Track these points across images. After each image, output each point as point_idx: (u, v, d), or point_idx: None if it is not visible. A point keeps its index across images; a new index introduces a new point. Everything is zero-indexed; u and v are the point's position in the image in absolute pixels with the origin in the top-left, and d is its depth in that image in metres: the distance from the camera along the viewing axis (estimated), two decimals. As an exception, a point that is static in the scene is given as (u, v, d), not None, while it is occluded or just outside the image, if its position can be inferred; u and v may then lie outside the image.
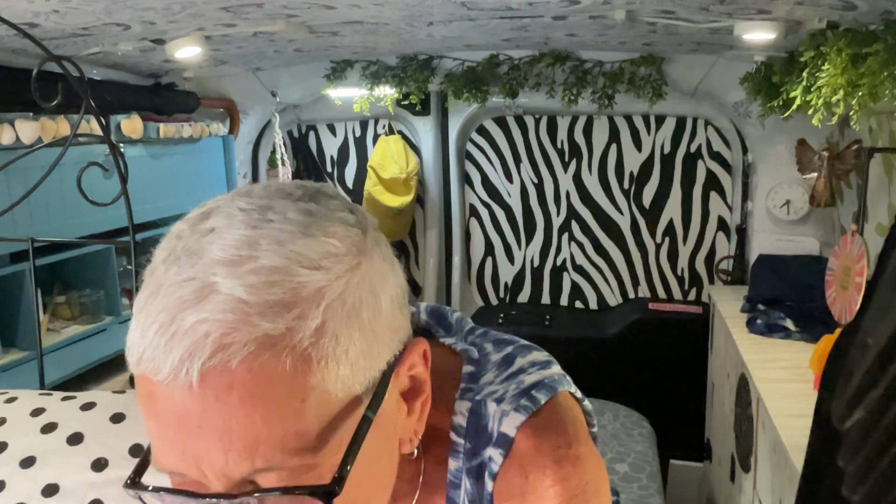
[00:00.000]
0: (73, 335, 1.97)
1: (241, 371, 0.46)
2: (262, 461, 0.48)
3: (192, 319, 0.46)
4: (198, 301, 0.46)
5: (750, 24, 1.65)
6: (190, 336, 0.46)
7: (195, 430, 0.47)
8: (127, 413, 1.29)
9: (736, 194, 2.93)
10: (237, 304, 0.46)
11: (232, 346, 0.46)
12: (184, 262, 0.49)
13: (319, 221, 0.51)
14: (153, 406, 0.49)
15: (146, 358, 0.47)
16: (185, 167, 2.42)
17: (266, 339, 0.46)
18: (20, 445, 1.20)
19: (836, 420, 0.73)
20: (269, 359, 0.47)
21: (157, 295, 0.48)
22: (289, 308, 0.47)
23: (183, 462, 0.49)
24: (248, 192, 0.54)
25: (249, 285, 0.47)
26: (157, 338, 0.47)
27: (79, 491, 1.15)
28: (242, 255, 0.48)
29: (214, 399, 0.46)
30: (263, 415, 0.47)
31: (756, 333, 2.19)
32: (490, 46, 2.53)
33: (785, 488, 1.53)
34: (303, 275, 0.48)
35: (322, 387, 0.49)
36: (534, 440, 0.64)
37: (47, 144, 1.63)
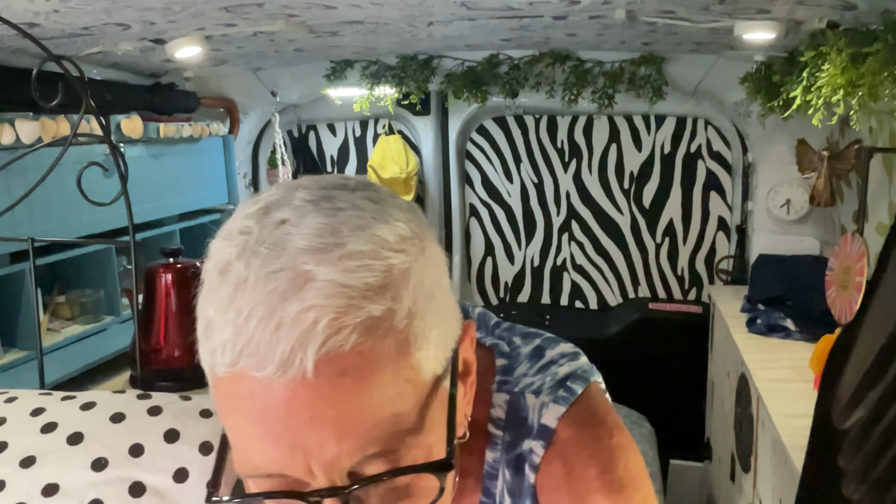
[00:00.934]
0: (73, 335, 1.97)
1: (353, 355, 0.45)
2: (375, 446, 0.47)
3: (297, 308, 0.45)
4: (296, 290, 0.45)
5: (750, 24, 1.65)
6: (297, 325, 0.45)
7: (307, 423, 0.46)
8: (127, 413, 1.29)
9: (736, 194, 2.93)
10: (339, 289, 0.45)
11: (343, 330, 0.45)
12: (266, 254, 0.47)
13: (386, 207, 0.51)
14: (253, 405, 0.47)
15: (248, 353, 0.46)
16: (185, 167, 2.42)
17: (371, 322, 0.46)
18: (20, 445, 1.20)
19: (836, 420, 0.73)
20: (376, 341, 0.46)
21: (244, 289, 0.46)
22: (385, 290, 0.47)
23: (291, 459, 0.47)
24: (301, 185, 0.53)
25: (346, 270, 0.46)
26: (259, 331, 0.45)
27: (79, 491, 1.15)
28: (328, 243, 0.47)
29: (329, 387, 0.45)
30: (376, 399, 0.47)
31: (756, 333, 2.19)
32: (490, 46, 2.53)
33: (785, 488, 1.53)
34: (391, 257, 0.48)
35: (418, 367, 0.49)
36: (575, 431, 0.65)
37: (47, 144, 1.64)
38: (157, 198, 2.29)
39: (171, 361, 1.74)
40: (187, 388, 1.70)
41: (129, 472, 1.19)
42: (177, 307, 1.75)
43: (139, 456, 1.21)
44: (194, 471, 1.21)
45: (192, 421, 1.29)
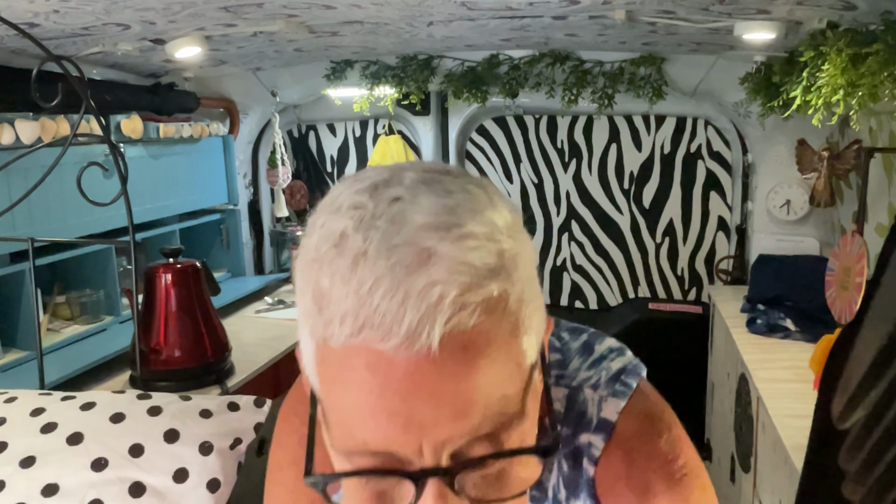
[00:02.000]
0: (73, 335, 1.97)
1: (475, 333, 0.46)
2: (487, 426, 0.47)
3: (423, 282, 0.45)
4: (420, 265, 0.45)
5: (750, 24, 1.65)
6: (425, 298, 0.44)
7: (427, 397, 0.46)
8: (127, 413, 1.29)
9: (736, 194, 2.93)
10: (463, 267, 0.45)
11: (467, 307, 0.45)
12: (385, 229, 0.46)
13: (489, 193, 0.51)
14: (371, 378, 0.46)
15: (372, 325, 0.45)
16: (185, 167, 2.42)
17: (490, 301, 0.46)
18: (20, 445, 1.20)
19: (836, 420, 0.73)
20: (494, 320, 0.47)
21: (365, 261, 0.46)
22: (500, 272, 0.47)
23: (404, 436, 0.46)
24: (404, 167, 0.52)
25: (466, 248, 0.46)
26: (384, 302, 0.45)
27: (79, 491, 1.15)
28: (447, 222, 0.47)
29: (452, 362, 0.45)
30: (491, 378, 0.47)
31: (756, 333, 2.19)
32: (490, 46, 2.53)
33: (785, 488, 1.53)
34: (503, 241, 0.48)
35: (523, 350, 0.49)
36: (635, 424, 0.66)
37: (47, 144, 1.64)
38: (157, 198, 2.29)
39: (171, 361, 1.74)
40: (187, 388, 1.70)
41: (129, 472, 1.19)
42: (177, 307, 1.75)
43: (139, 456, 1.21)
44: (194, 471, 1.21)
45: (192, 421, 1.29)
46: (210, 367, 1.79)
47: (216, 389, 1.77)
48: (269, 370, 2.02)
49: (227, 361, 1.87)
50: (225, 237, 2.75)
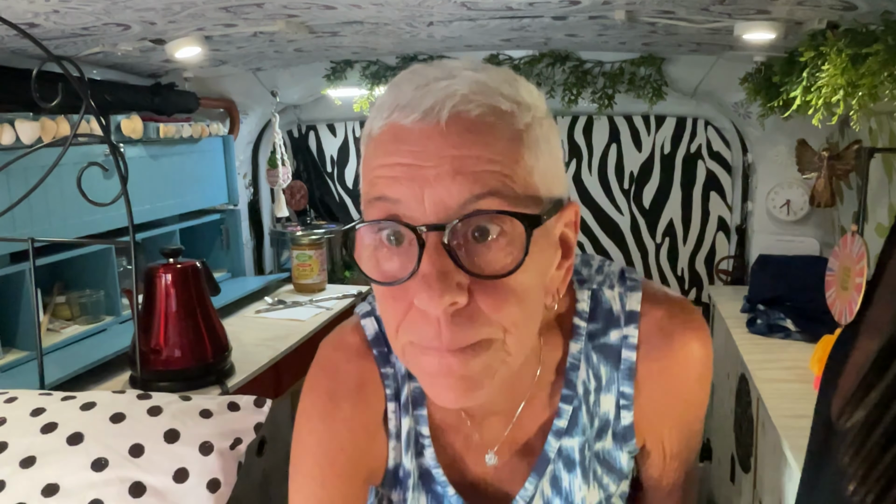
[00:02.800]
0: (73, 335, 1.97)
1: (477, 121, 0.59)
2: (481, 186, 0.58)
3: (444, 83, 0.59)
4: (446, 77, 0.60)
5: (750, 24, 1.66)
6: (443, 91, 0.59)
7: (432, 157, 0.58)
8: (127, 413, 1.29)
9: (736, 194, 2.93)
10: (479, 82, 0.60)
11: (474, 101, 0.59)
12: (432, 65, 0.63)
13: (522, 80, 0.65)
14: (394, 145, 0.60)
15: (400, 106, 0.60)
16: (185, 167, 2.42)
17: (497, 109, 0.60)
18: (20, 445, 1.20)
19: (836, 420, 0.73)
20: (497, 120, 0.59)
21: (414, 75, 0.62)
22: (513, 101, 0.61)
23: (411, 187, 0.58)
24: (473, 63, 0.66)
25: (489, 77, 0.61)
26: (413, 92, 0.60)
27: (79, 491, 1.15)
28: (479, 68, 0.62)
29: (456, 135, 0.58)
30: (489, 154, 0.58)
31: (756, 333, 2.19)
32: (490, 46, 2.53)
33: (785, 488, 1.53)
34: (521, 92, 0.63)
35: (524, 162, 0.60)
36: (660, 308, 0.77)
37: (47, 144, 1.63)
38: (157, 198, 2.29)
39: (171, 361, 1.74)
40: (187, 388, 1.70)
41: (129, 472, 1.19)
42: (177, 307, 1.75)
43: (139, 456, 1.21)
44: (194, 471, 1.21)
45: (192, 421, 1.29)
46: (210, 367, 1.79)
47: (216, 389, 1.77)
48: (269, 370, 2.02)
49: (227, 361, 1.87)
50: (225, 237, 2.75)
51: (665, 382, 0.77)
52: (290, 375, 2.18)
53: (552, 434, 0.78)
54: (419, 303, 0.58)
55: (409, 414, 0.80)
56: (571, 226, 0.67)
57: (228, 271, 2.76)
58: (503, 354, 0.62)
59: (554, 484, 0.80)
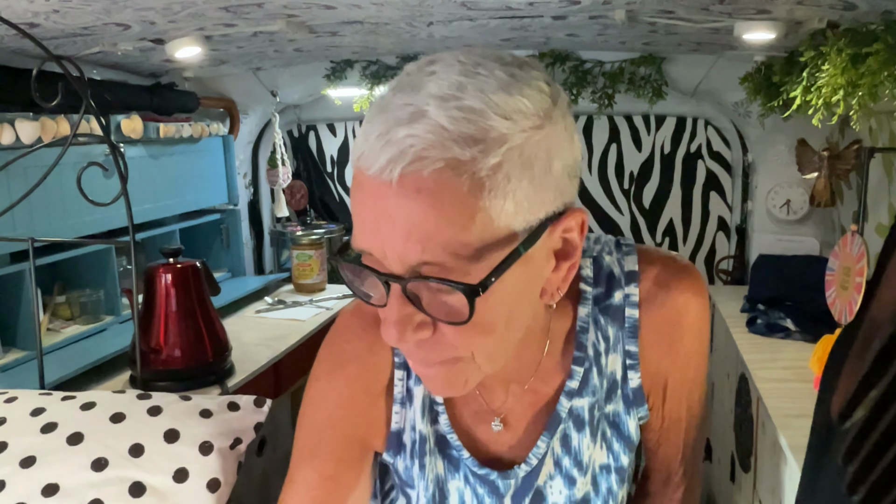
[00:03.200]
0: (73, 335, 1.97)
1: (430, 180, 0.57)
2: (430, 255, 0.59)
3: (403, 133, 0.58)
4: (409, 121, 0.58)
5: (750, 24, 1.65)
6: (398, 145, 0.58)
7: (387, 218, 0.59)
8: (127, 413, 1.29)
9: (736, 194, 2.93)
10: (438, 129, 0.58)
11: (427, 159, 0.57)
12: (407, 92, 0.61)
13: (518, 83, 0.61)
14: (360, 193, 0.61)
15: (364, 156, 0.60)
16: (185, 167, 2.42)
17: (453, 161, 0.57)
18: (20, 445, 1.20)
19: (836, 420, 0.73)
20: (453, 176, 0.58)
21: (383, 112, 0.60)
22: (476, 142, 0.58)
23: (374, 241, 0.61)
24: (470, 51, 0.64)
25: (451, 117, 0.58)
26: (375, 142, 0.59)
27: (79, 491, 1.15)
28: (450, 94, 0.59)
29: (405, 197, 0.58)
30: (438, 219, 0.58)
31: (756, 333, 2.19)
32: (490, 46, 2.52)
33: (785, 488, 1.53)
34: (494, 120, 0.59)
35: (487, 212, 0.59)
36: (655, 265, 0.82)
37: (47, 144, 1.63)
38: (157, 198, 2.29)
39: (171, 361, 1.74)
40: (187, 388, 1.70)
41: (129, 472, 1.19)
42: (177, 307, 1.75)
43: (139, 456, 1.21)
44: (194, 471, 1.21)
45: (192, 421, 1.29)
46: (210, 367, 1.79)
47: (216, 389, 1.77)
48: (269, 370, 2.02)
49: (227, 361, 1.87)
50: (225, 237, 2.75)
51: (664, 331, 0.81)
52: (290, 375, 2.18)
53: (564, 394, 0.83)
54: (386, 338, 0.64)
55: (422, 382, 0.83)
56: (574, 230, 0.68)
57: (228, 271, 2.76)
58: (475, 367, 0.68)
59: (564, 442, 0.84)
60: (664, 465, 0.93)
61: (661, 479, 0.95)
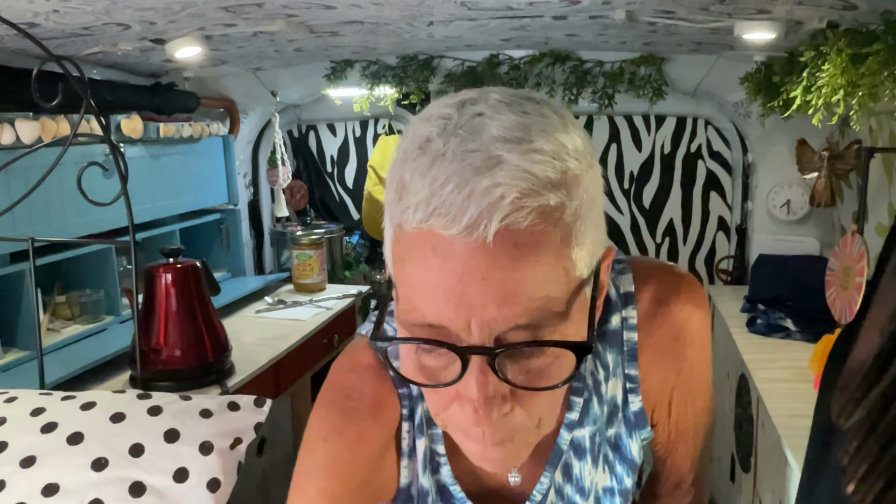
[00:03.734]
0: (73, 335, 1.97)
1: (527, 233, 0.52)
2: (527, 317, 0.53)
3: (488, 183, 0.51)
4: (488, 168, 0.51)
5: (750, 24, 1.65)
6: (487, 197, 0.51)
7: (478, 282, 0.52)
8: (127, 413, 1.29)
9: (736, 194, 2.93)
10: (525, 175, 0.52)
11: (523, 209, 0.51)
12: (464, 136, 0.53)
13: (567, 122, 0.57)
14: (434, 259, 0.53)
15: (440, 213, 0.52)
16: (185, 167, 2.42)
17: (546, 209, 0.52)
18: (20, 445, 1.20)
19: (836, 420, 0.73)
20: (547, 226, 0.53)
21: (441, 161, 0.53)
22: (561, 186, 0.53)
23: (455, 312, 0.53)
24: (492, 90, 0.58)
25: (531, 161, 0.52)
26: (452, 196, 0.51)
27: (79, 491, 1.15)
28: (518, 136, 0.53)
29: (503, 255, 0.52)
30: (537, 275, 0.53)
31: (756, 333, 2.19)
32: (490, 46, 2.53)
33: (785, 488, 1.53)
34: (568, 160, 0.54)
35: (573, 261, 0.55)
36: (651, 282, 0.77)
37: (47, 144, 1.63)
38: (157, 198, 2.29)
39: (171, 361, 1.74)
40: (187, 388, 1.70)
41: (129, 472, 1.19)
42: (177, 307, 1.75)
43: (139, 456, 1.21)
44: (194, 470, 1.21)
45: (192, 421, 1.29)
46: (210, 367, 1.79)
47: (216, 389, 1.77)
48: (269, 370, 2.02)
49: (227, 361, 1.87)
50: (225, 237, 2.75)
51: (666, 347, 0.78)
52: (290, 375, 2.18)
53: (564, 427, 0.79)
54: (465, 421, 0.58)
55: (424, 433, 0.79)
56: (607, 269, 0.65)
57: (228, 271, 2.76)
58: (535, 433, 0.63)
59: (565, 471, 0.81)
60: (673, 472, 0.91)
61: (671, 485, 0.93)
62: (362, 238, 3.35)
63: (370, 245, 3.38)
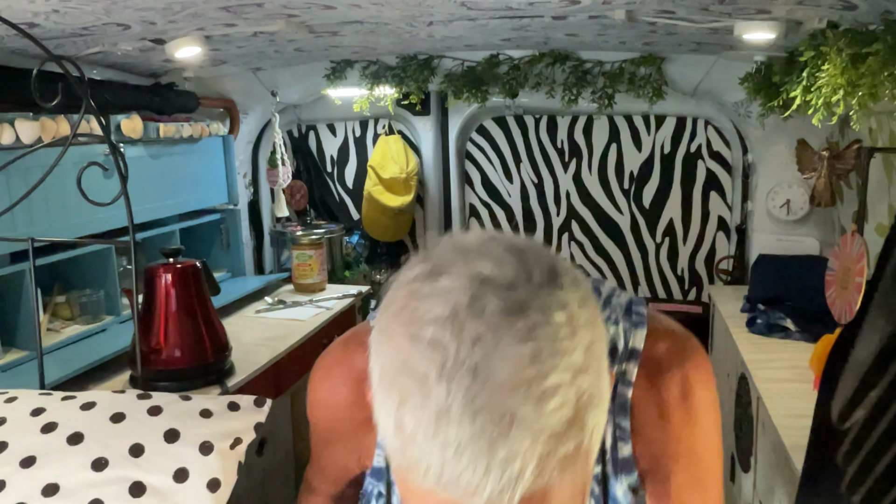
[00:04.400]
0: (73, 335, 1.97)
1: (548, 487, 0.49)
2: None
3: (504, 454, 0.47)
4: (502, 433, 0.47)
5: (750, 24, 1.66)
6: (506, 469, 0.47)
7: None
8: (127, 413, 1.29)
9: (736, 194, 2.93)
10: (544, 433, 0.48)
11: (544, 474, 0.48)
12: (467, 382, 0.48)
13: (573, 318, 0.51)
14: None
15: (457, 485, 0.48)
16: (185, 167, 2.42)
17: (566, 460, 0.49)
18: (20, 445, 1.20)
19: (836, 420, 0.73)
20: (568, 475, 0.50)
21: (448, 420, 0.48)
22: (577, 424, 0.49)
23: None
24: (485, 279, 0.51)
25: (549, 412, 0.48)
26: (469, 471, 0.48)
27: (79, 491, 1.15)
28: (530, 377, 0.48)
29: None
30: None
31: (756, 333, 2.19)
32: (490, 46, 2.53)
33: (785, 488, 1.53)
34: (582, 384, 0.50)
35: (589, 471, 0.53)
36: (662, 343, 0.76)
37: (47, 144, 1.63)
38: (157, 198, 2.29)
39: (171, 361, 1.74)
40: (187, 388, 1.70)
41: (129, 472, 1.19)
42: (177, 307, 1.75)
43: (139, 456, 1.21)
44: (194, 470, 1.21)
45: (192, 421, 1.29)
46: (210, 367, 1.79)
47: (216, 389, 1.77)
48: (269, 370, 2.02)
49: (227, 361, 1.87)
50: (225, 237, 2.75)
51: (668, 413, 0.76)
52: (290, 375, 2.18)
53: None
54: None
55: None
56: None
57: (228, 271, 2.76)
58: None
59: None
60: None
61: None
62: (362, 238, 3.35)
63: (370, 245, 3.38)
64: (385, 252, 3.40)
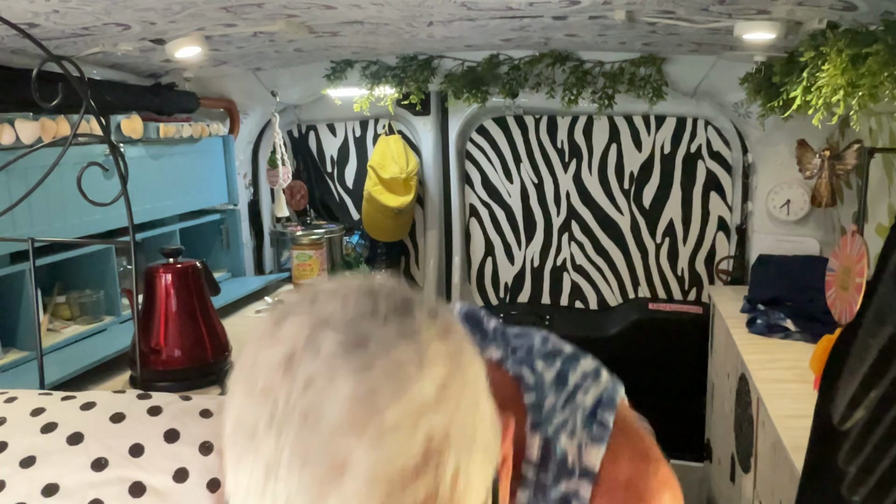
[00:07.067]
0: (73, 335, 1.97)
1: None
2: None
3: (334, 502, 0.43)
4: (334, 481, 0.43)
5: (750, 24, 1.66)
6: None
7: None
8: (127, 413, 1.29)
9: (736, 194, 2.93)
10: (379, 478, 0.43)
11: None
12: (297, 429, 0.44)
13: (423, 350, 0.47)
14: None
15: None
16: (185, 167, 2.42)
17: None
18: (20, 445, 1.20)
19: (836, 420, 0.73)
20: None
21: (277, 476, 0.44)
22: (426, 466, 0.44)
23: None
24: (326, 317, 0.48)
25: (386, 457, 0.43)
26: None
27: (79, 491, 1.15)
28: (364, 416, 0.43)
29: None
30: None
31: (756, 333, 2.19)
32: (490, 46, 2.53)
33: (785, 488, 1.53)
34: (431, 422, 0.45)
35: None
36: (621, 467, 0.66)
37: (47, 144, 1.63)
38: (157, 198, 2.29)
39: (171, 361, 1.74)
40: (187, 388, 1.70)
41: (129, 472, 1.19)
42: (177, 307, 1.75)
43: (139, 456, 1.21)
44: (194, 470, 1.21)
45: (192, 421, 1.29)
46: (210, 367, 1.79)
47: (216, 389, 1.77)
48: (269, 370, 2.02)
49: (227, 361, 1.87)
50: (225, 237, 2.75)
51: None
52: (290, 375, 2.18)
53: None
54: None
55: None
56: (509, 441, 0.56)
57: (228, 271, 2.76)
58: None
59: None
60: None
61: None
62: (362, 238, 3.35)
63: (370, 245, 3.38)
64: (385, 252, 3.41)
